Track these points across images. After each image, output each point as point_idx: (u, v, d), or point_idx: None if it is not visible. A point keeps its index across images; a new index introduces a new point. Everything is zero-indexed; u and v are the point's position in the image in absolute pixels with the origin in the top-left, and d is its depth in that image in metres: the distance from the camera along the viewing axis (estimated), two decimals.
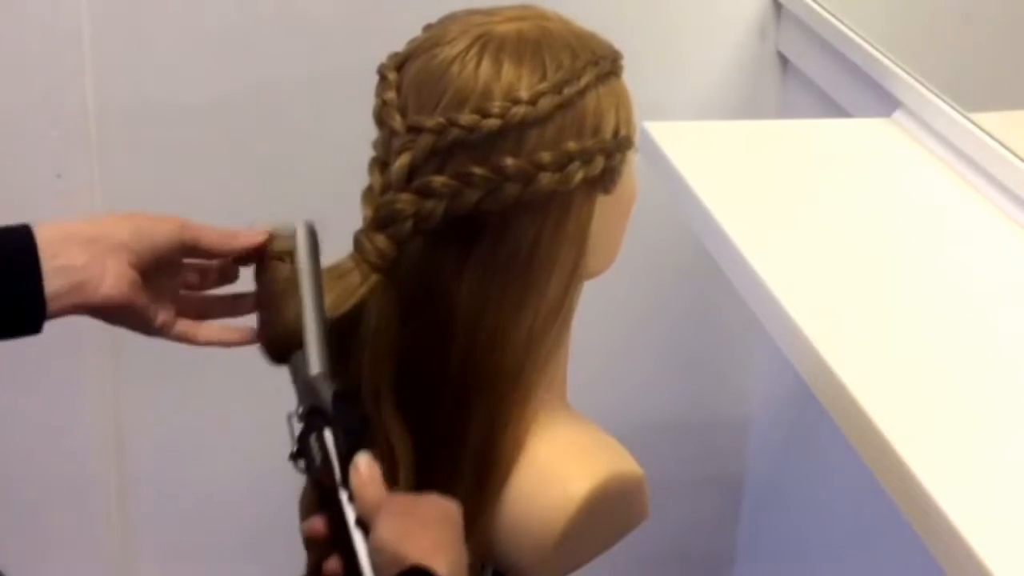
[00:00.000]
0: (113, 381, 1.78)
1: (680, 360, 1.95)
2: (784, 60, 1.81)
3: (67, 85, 1.66)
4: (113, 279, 0.93)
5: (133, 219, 0.96)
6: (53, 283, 0.91)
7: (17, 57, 1.64)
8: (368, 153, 0.97)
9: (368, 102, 0.97)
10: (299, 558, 1.01)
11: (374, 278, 0.94)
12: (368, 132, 0.97)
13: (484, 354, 0.95)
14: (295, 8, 1.68)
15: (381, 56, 0.98)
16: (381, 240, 0.93)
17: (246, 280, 1.02)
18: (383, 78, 0.96)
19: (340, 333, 0.94)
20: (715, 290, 1.80)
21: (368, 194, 0.95)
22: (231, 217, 1.01)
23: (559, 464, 0.98)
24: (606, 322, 1.80)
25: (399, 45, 0.98)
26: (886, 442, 0.95)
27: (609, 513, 1.00)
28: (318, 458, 0.90)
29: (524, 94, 0.91)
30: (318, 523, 0.90)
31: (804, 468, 1.83)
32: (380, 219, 0.93)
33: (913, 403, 1.01)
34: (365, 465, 0.89)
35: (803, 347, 1.07)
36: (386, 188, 0.93)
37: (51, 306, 0.91)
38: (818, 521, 1.78)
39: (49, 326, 0.93)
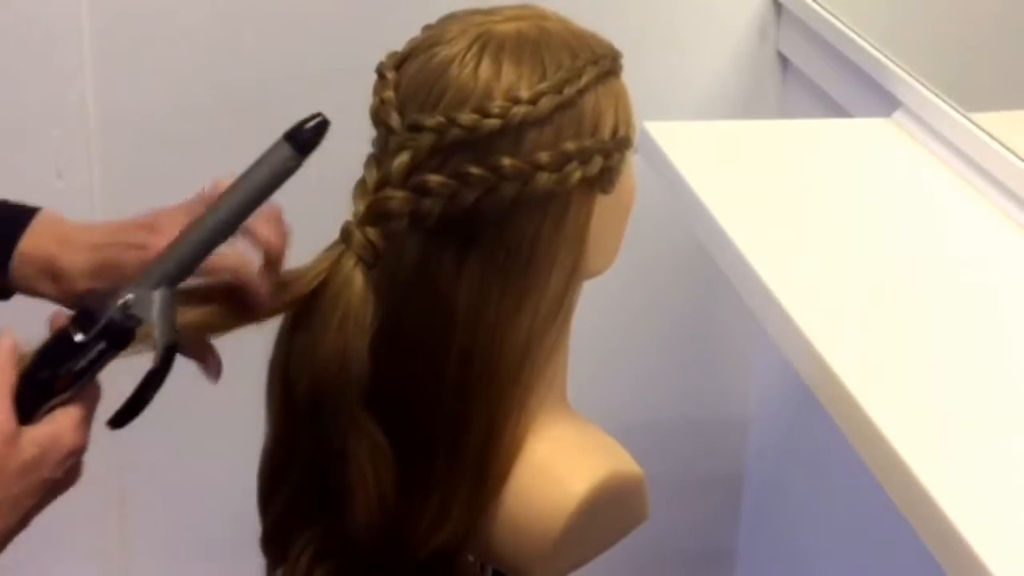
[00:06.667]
0: (111, 378, 1.78)
1: (680, 360, 1.95)
2: (784, 60, 1.81)
3: (67, 85, 1.66)
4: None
5: (104, 252, 0.98)
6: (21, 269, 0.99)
7: (17, 57, 1.64)
8: (367, 151, 0.97)
9: (368, 102, 0.97)
10: None
11: (349, 268, 0.92)
12: (368, 131, 0.97)
13: (483, 354, 0.94)
14: (295, 8, 1.68)
15: (380, 56, 0.98)
16: (372, 233, 0.92)
17: None
18: (381, 77, 0.96)
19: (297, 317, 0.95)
20: (715, 290, 1.80)
21: (361, 188, 0.94)
22: None
23: (558, 464, 0.98)
24: (606, 322, 1.80)
25: (398, 44, 0.98)
26: (886, 442, 0.95)
27: (608, 513, 0.99)
28: (83, 359, 0.88)
29: (525, 94, 0.91)
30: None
31: (804, 468, 1.83)
32: (374, 215, 0.93)
33: (913, 403, 1.01)
34: None
35: (803, 347, 1.07)
36: (382, 184, 0.93)
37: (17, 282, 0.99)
38: (818, 521, 1.78)
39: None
